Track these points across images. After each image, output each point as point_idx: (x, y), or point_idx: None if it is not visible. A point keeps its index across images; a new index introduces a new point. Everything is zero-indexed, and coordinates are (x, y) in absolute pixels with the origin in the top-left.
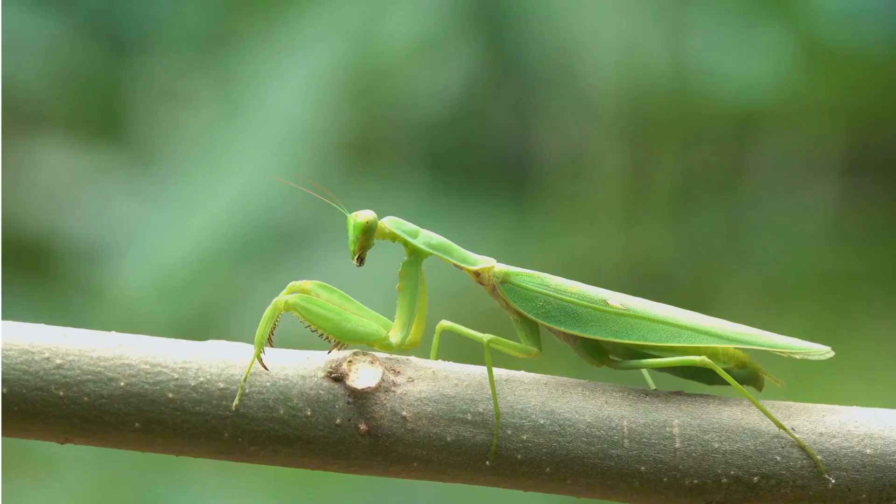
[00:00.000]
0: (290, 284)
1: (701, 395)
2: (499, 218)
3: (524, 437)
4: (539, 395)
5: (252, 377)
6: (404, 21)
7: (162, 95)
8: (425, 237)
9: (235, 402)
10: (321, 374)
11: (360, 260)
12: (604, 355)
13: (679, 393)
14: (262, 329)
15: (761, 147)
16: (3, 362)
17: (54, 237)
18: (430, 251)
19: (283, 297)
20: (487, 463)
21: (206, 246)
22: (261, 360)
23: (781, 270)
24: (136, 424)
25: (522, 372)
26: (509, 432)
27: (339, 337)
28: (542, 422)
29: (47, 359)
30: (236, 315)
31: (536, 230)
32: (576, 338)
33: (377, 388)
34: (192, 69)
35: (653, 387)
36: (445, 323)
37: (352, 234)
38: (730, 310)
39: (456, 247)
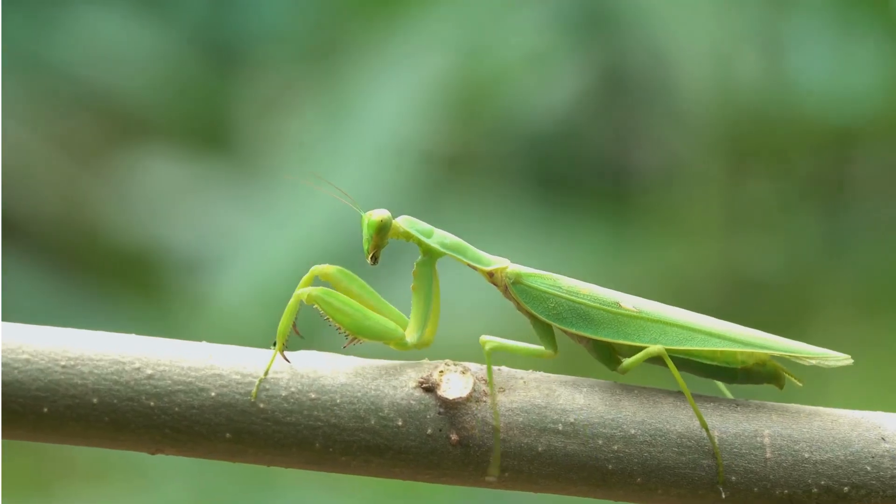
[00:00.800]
0: (313, 268)
1: (791, 406)
2: (597, 231)
3: (615, 448)
4: (630, 406)
5: (343, 388)
6: (510, 35)
7: (266, 105)
8: (439, 237)
9: (254, 391)
10: (412, 384)
11: (375, 259)
12: (616, 358)
13: (768, 404)
14: (284, 322)
15: (862, 158)
16: (93, 373)
17: (158, 248)
18: (445, 251)
19: (306, 290)
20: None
21: (307, 257)
22: (283, 354)
23: (883, 282)
24: (227, 435)
25: (613, 382)
26: (600, 442)
27: (356, 333)
28: (633, 432)
29: (138, 369)
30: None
31: (634, 243)
32: (588, 340)
33: (468, 399)
34: (296, 79)
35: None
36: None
37: (366, 232)
38: (830, 322)
39: (470, 247)
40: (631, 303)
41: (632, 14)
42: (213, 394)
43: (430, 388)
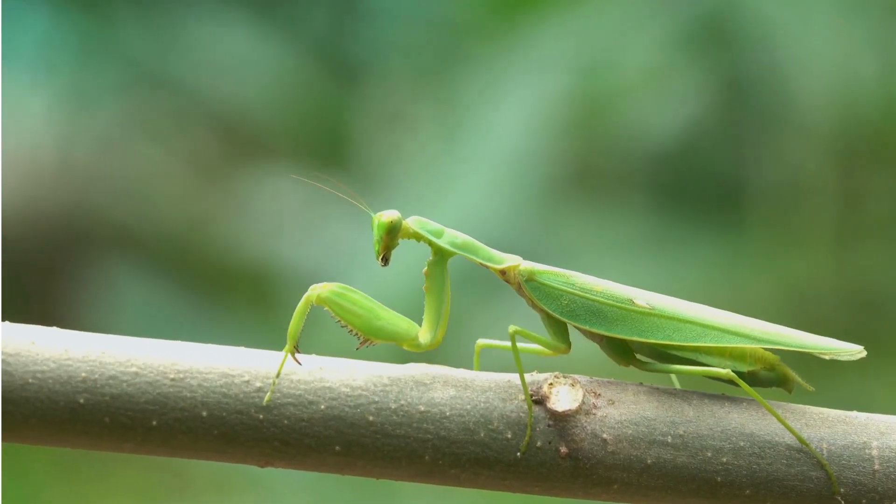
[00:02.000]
0: (312, 287)
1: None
2: (714, 245)
3: (724, 460)
4: (739, 418)
5: (452, 400)
6: (628, 52)
7: (386, 121)
8: (450, 236)
9: (267, 397)
10: (522, 397)
11: (385, 260)
12: (630, 355)
13: (875, 416)
14: (294, 324)
15: None
16: (202, 386)
17: (274, 263)
18: (456, 250)
19: (316, 291)
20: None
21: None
22: (293, 356)
23: None
24: (337, 447)
25: (723, 395)
26: (709, 454)
27: (368, 334)
28: (742, 444)
29: (247, 382)
30: (453, 341)
31: (752, 257)
32: (601, 336)
33: (577, 411)
34: (416, 95)
35: (678, 387)
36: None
37: (376, 233)
38: None
39: (481, 245)
40: (644, 299)
41: (750, 27)
42: (322, 406)
43: (539, 401)
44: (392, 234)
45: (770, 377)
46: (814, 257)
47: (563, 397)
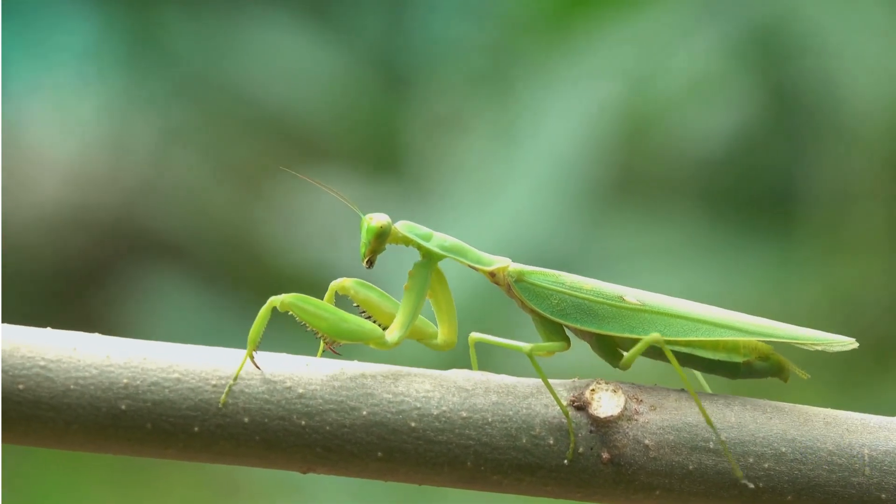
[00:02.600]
0: (332, 283)
1: None
2: (765, 253)
3: (766, 466)
4: (780, 423)
5: (495, 406)
6: (679, 59)
7: (437, 125)
8: (438, 240)
9: (223, 398)
10: (564, 402)
11: (370, 263)
12: (620, 353)
13: None
14: (255, 328)
15: None
16: (244, 392)
17: (326, 271)
18: (444, 253)
19: (279, 297)
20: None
21: (475, 277)
22: (253, 360)
23: None
24: (379, 454)
25: (766, 400)
26: (751, 460)
27: (334, 336)
28: (783, 450)
29: (289, 388)
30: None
31: (803, 265)
32: (591, 335)
33: (619, 417)
34: (468, 99)
35: (708, 389)
36: (475, 335)
37: (364, 237)
38: None
39: (470, 248)
40: (634, 296)
41: (800, 35)
42: (364, 412)
43: (581, 407)
44: (381, 238)
45: (765, 367)
46: (864, 264)
47: (605, 403)
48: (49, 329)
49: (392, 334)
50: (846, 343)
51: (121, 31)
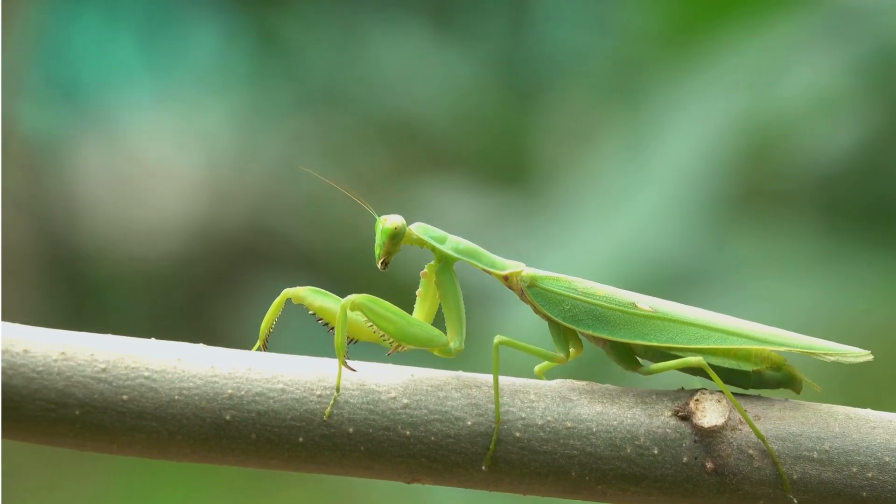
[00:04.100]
0: (284, 291)
1: None
2: (887, 267)
3: (869, 475)
4: (884, 433)
5: (599, 416)
6: (803, 74)
7: (563, 138)
8: (453, 242)
9: (328, 411)
10: (668, 412)
11: (385, 264)
12: (634, 359)
13: None
14: (339, 335)
15: None
16: (349, 403)
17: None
18: (459, 256)
19: (350, 298)
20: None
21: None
22: (346, 364)
23: None
24: (484, 465)
25: (869, 410)
26: (854, 470)
27: (401, 339)
28: (887, 459)
29: (393, 398)
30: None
31: None
32: (605, 341)
33: (723, 427)
34: (593, 112)
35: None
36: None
37: (379, 238)
38: None
39: (484, 251)
40: (647, 303)
41: None
42: (469, 423)
43: (685, 417)
44: (395, 239)
45: (776, 377)
46: None
47: (710, 413)
48: (153, 340)
49: (454, 341)
50: (860, 355)
51: (245, 43)
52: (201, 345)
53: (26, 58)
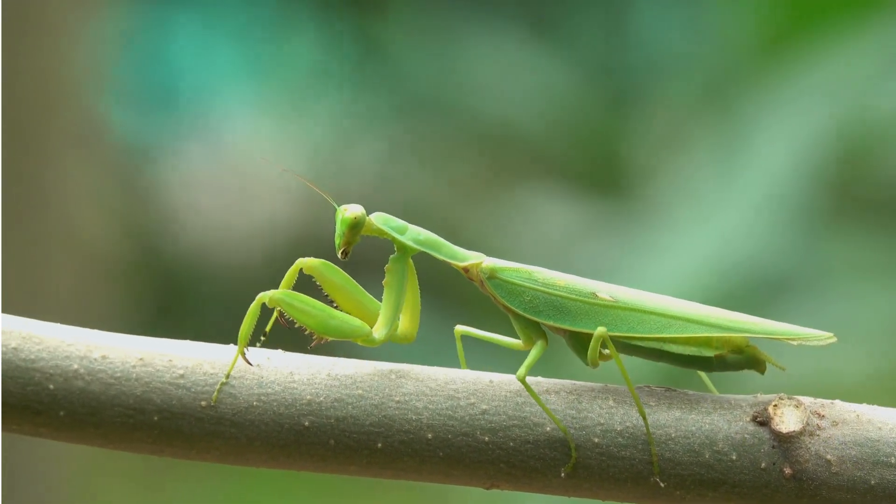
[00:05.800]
0: (298, 261)
1: None
2: None
3: None
4: None
5: (677, 422)
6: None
7: (658, 145)
8: (413, 233)
9: (214, 396)
10: (746, 418)
11: (345, 254)
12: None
13: None
14: (245, 325)
15: None
16: (428, 408)
17: None
18: (418, 247)
19: (268, 294)
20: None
21: (693, 296)
22: (244, 357)
23: None
24: (562, 471)
25: None
26: None
27: (322, 332)
28: None
29: (472, 404)
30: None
31: None
32: (565, 332)
33: (801, 432)
34: (688, 120)
35: (714, 390)
36: (461, 328)
37: (339, 227)
38: None
39: (445, 243)
40: (608, 292)
41: None
42: (548, 428)
43: (763, 422)
44: (355, 229)
45: (739, 360)
46: None
47: (788, 419)
48: (231, 345)
49: (379, 332)
50: (823, 337)
51: (343, 49)
52: (279, 350)
53: (122, 64)
